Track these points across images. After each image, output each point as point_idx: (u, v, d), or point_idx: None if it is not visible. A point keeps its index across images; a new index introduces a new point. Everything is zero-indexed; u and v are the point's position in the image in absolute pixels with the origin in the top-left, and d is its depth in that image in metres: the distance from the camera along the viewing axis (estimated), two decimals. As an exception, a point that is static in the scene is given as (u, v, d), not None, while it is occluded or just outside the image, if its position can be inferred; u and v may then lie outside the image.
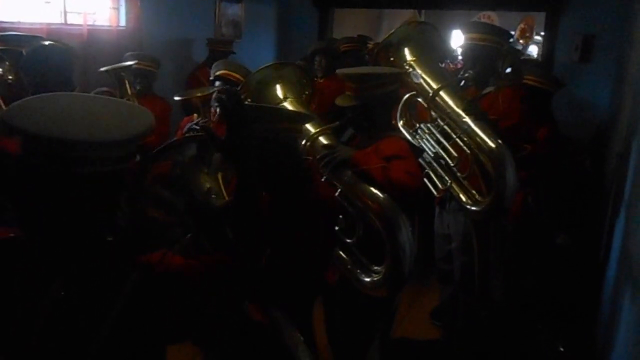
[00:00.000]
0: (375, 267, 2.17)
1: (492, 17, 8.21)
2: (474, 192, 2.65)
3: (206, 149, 1.79)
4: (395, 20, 7.93)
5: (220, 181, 1.83)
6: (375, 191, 2.10)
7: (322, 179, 2.19)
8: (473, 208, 2.63)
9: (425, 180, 2.75)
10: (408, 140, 2.52)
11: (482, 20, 7.77)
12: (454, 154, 2.67)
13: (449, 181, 2.70)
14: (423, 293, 3.77)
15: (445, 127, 2.70)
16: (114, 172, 1.13)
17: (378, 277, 2.15)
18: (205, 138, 1.35)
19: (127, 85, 3.24)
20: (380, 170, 2.17)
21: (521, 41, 8.12)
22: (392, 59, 2.74)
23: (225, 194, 1.80)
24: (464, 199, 2.67)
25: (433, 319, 3.57)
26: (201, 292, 1.23)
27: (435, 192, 2.79)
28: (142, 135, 1.16)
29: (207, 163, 1.82)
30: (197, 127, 2.90)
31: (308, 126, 2.31)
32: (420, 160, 2.75)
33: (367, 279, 2.18)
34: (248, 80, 2.39)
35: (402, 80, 2.65)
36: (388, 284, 2.13)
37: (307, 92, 2.48)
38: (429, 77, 2.71)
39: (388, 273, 2.11)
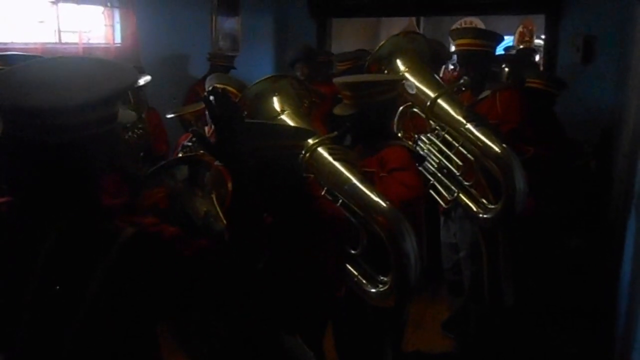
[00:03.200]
0: (382, 278, 2.12)
1: (475, 22, 8.12)
2: (483, 200, 2.60)
3: (198, 170, 1.72)
4: (393, 28, 7.89)
5: (215, 202, 1.76)
6: (377, 199, 2.05)
7: (323, 192, 2.13)
8: (484, 216, 2.57)
9: (432, 192, 2.71)
10: (410, 148, 2.45)
11: (464, 26, 7.69)
12: (458, 162, 2.62)
13: (456, 191, 2.65)
14: (434, 304, 3.72)
15: (447, 135, 2.66)
16: (98, 135, 1.11)
17: (384, 288, 2.09)
18: (195, 158, 1.29)
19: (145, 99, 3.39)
20: (378, 180, 2.16)
21: (521, 46, 8.04)
22: (385, 71, 2.71)
23: (222, 216, 1.74)
24: (473, 207, 2.62)
25: (445, 330, 3.50)
26: (190, 268, 1.19)
27: (443, 204, 2.73)
28: (116, 94, 1.13)
29: (201, 185, 1.75)
30: (190, 144, 2.84)
31: None
32: (422, 170, 2.71)
33: (374, 290, 2.12)
34: (245, 95, 2.34)
35: (399, 91, 2.61)
36: (395, 294, 2.08)
37: (306, 104, 2.43)
38: (424, 86, 2.67)
39: (394, 283, 2.05)
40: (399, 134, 2.83)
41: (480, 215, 2.62)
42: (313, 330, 1.86)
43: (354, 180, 2.09)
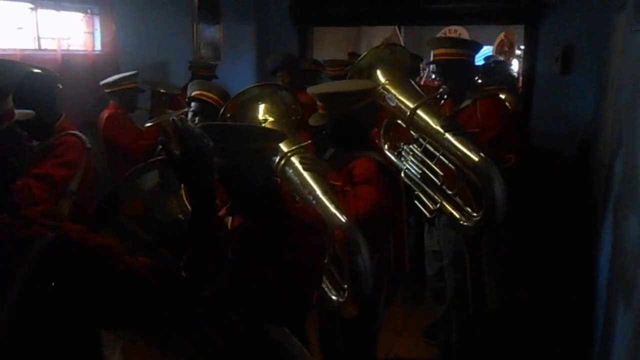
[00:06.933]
0: (345, 286, 2.14)
1: (460, 32, 8.20)
2: (467, 208, 2.62)
3: (168, 172, 1.70)
4: (375, 37, 7.95)
5: (187, 201, 1.74)
6: (336, 212, 2.08)
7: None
8: (466, 224, 2.59)
9: (416, 202, 2.74)
10: (378, 160, 2.39)
11: (449, 34, 7.78)
12: (440, 172, 2.64)
13: (439, 200, 2.67)
14: (416, 311, 3.72)
15: (428, 146, 2.69)
16: None
17: (343, 299, 2.11)
18: (164, 161, 1.31)
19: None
20: (341, 194, 2.21)
21: (501, 57, 8.15)
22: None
23: None
24: (457, 216, 2.64)
25: (427, 337, 3.50)
26: (120, 283, 1.16)
27: (427, 214, 2.74)
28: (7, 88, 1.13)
29: (172, 187, 1.73)
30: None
31: (282, 145, 2.26)
32: (406, 179, 2.72)
33: (334, 298, 2.15)
34: (237, 100, 2.37)
35: (379, 104, 2.62)
36: (353, 304, 2.11)
37: (294, 117, 2.46)
38: (404, 97, 2.69)
39: (350, 294, 2.09)
40: (385, 146, 2.84)
41: (464, 223, 2.64)
42: (297, 322, 1.87)
43: (318, 192, 2.15)
